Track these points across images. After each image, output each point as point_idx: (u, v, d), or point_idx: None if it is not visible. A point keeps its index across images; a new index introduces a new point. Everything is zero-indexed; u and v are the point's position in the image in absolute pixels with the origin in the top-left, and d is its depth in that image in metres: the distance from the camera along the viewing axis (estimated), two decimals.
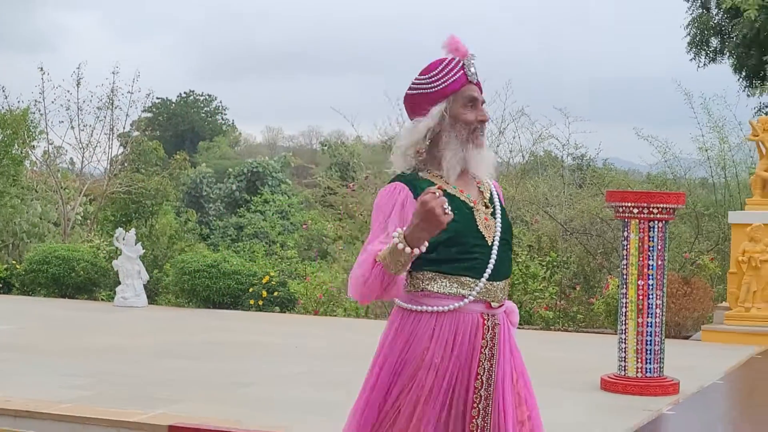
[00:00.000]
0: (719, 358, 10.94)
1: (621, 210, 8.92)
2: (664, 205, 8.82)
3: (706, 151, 18.60)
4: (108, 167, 19.32)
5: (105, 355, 9.99)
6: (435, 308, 2.97)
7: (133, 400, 7.31)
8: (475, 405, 2.94)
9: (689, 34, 20.36)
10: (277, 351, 10.95)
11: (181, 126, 36.77)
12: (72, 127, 19.14)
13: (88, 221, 17.89)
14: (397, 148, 3.12)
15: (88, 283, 15.84)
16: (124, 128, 19.99)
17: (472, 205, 3.06)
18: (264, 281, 15.15)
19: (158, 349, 10.51)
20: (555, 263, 15.39)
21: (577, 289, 15.64)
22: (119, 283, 14.44)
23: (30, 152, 18.42)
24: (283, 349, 11.21)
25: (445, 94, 2.98)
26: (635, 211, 8.75)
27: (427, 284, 2.96)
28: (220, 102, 42.20)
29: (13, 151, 17.65)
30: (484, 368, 2.94)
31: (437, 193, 2.47)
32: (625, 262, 8.77)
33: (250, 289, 15.03)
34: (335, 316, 15.06)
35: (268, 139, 38.71)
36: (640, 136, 19.44)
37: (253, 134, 41.85)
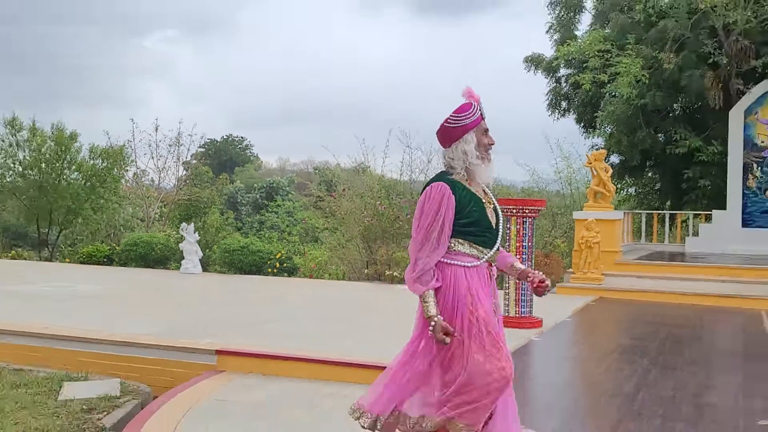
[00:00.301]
0: (568, 304, 11.48)
1: (506, 211, 9.38)
2: (532, 208, 9.77)
3: (559, 173, 20.02)
4: (176, 183, 20.74)
5: (173, 304, 10.78)
6: (464, 264, 3.67)
7: (192, 334, 7.78)
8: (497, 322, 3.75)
9: (548, 99, 20.53)
10: (286, 300, 11.86)
11: (223, 157, 38.74)
12: (152, 158, 20.65)
13: (163, 218, 19.30)
14: (452, 160, 3.74)
15: (162, 258, 16.94)
16: (186, 158, 21.56)
17: (484, 201, 3.76)
18: (277, 257, 16.18)
19: (209, 301, 11.40)
20: None
21: None
22: (183, 258, 15.60)
23: (124, 174, 19.76)
24: (290, 299, 12.12)
25: (474, 126, 3.67)
26: (515, 211, 9.55)
27: (458, 246, 3.67)
28: (249, 141, 44.63)
29: (114, 173, 18.95)
30: (495, 302, 3.76)
31: (447, 341, 3.49)
32: (508, 244, 9.46)
33: (268, 262, 16.09)
34: (323, 279, 15.92)
35: (280, 165, 40.91)
36: (517, 163, 21.15)
37: (270, 162, 43.85)
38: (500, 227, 3.80)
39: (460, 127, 3.68)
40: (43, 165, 18.71)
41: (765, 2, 15.51)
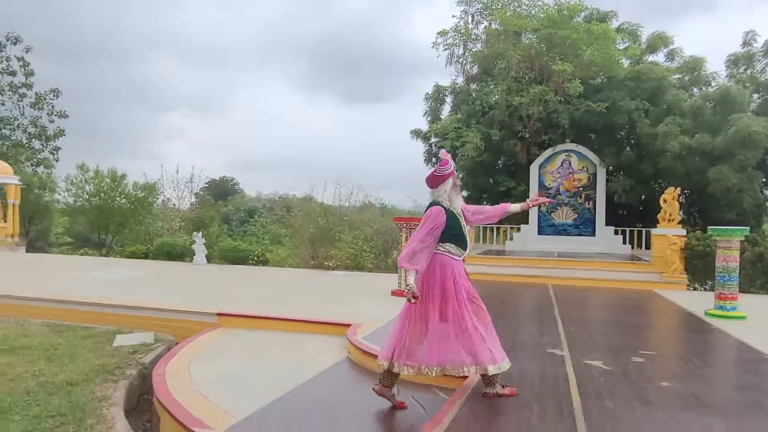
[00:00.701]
0: None
1: (398, 225, 9.58)
2: (415, 223, 8.67)
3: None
4: (189, 206, 20.67)
5: (187, 283, 10.64)
6: (451, 256, 3.79)
7: (201, 302, 7.82)
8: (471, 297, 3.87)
9: (425, 156, 19.47)
10: (262, 281, 11.63)
11: (220, 189, 36.70)
12: (174, 189, 20.47)
13: (181, 229, 18.88)
14: (439, 196, 3.82)
15: (181, 254, 16.37)
16: (196, 190, 21.43)
17: (460, 219, 3.87)
18: (255, 253, 15.87)
19: (212, 280, 11.28)
20: (377, 245, 16.17)
21: (387, 255, 15.92)
22: (194, 254, 14.97)
23: (155, 200, 19.47)
24: (265, 279, 11.88)
25: (450, 175, 3.85)
26: (405, 225, 9.38)
27: (447, 247, 3.79)
28: (237, 179, 43.07)
29: (149, 200, 18.86)
30: (469, 285, 3.89)
31: (413, 301, 3.64)
32: (400, 245, 9.87)
33: (250, 256, 15.73)
34: (285, 267, 15.63)
35: (257, 195, 40.18)
36: (406, 195, 21.75)
37: (251, 193, 43.23)
38: (467, 234, 3.94)
39: (444, 176, 3.85)
40: (102, 194, 18.44)
41: (549, 104, 16.33)
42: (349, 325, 6.26)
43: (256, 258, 15.99)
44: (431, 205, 3.90)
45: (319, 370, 4.98)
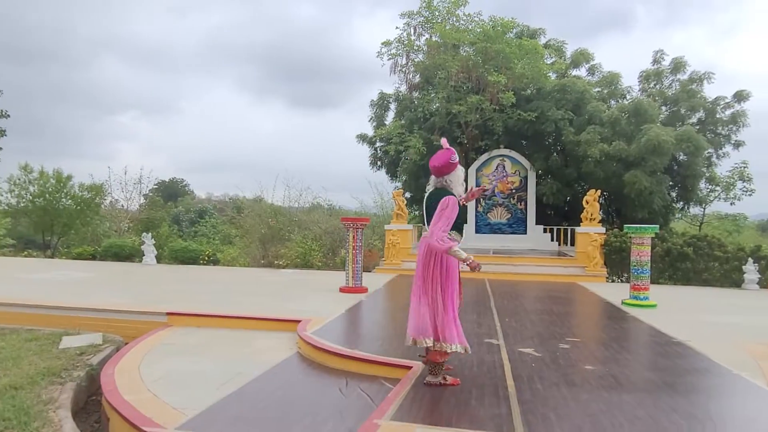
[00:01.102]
0: (382, 279, 11.36)
1: (345, 225, 9.46)
2: (362, 223, 9.51)
3: (376, 202, 20.28)
4: (138, 207, 19.57)
5: (136, 284, 10.18)
6: (457, 242, 3.86)
7: (150, 302, 7.49)
8: (419, 269, 3.95)
9: (370, 160, 19.49)
10: (213, 280, 11.19)
11: (170, 191, 35.30)
12: (123, 190, 19.34)
13: (129, 230, 18.06)
14: (452, 182, 3.93)
15: (130, 255, 15.57)
16: (145, 192, 20.29)
17: (424, 203, 4.09)
18: (206, 253, 15.48)
19: (162, 282, 10.73)
20: (325, 244, 15.78)
21: (335, 253, 15.46)
22: (144, 254, 14.52)
23: (103, 201, 18.40)
24: (215, 279, 11.47)
25: (458, 163, 4.00)
26: (352, 225, 9.33)
27: (453, 235, 3.87)
28: (187, 181, 42.25)
29: (96, 201, 17.73)
30: (419, 257, 3.96)
31: (478, 269, 3.73)
32: (348, 244, 9.28)
33: (200, 256, 15.30)
34: (235, 266, 15.17)
35: (207, 197, 38.92)
36: (352, 197, 21.62)
37: (201, 194, 41.95)
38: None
39: (456, 162, 4.01)
40: (47, 195, 17.20)
41: (485, 112, 16.71)
42: (299, 321, 6.17)
43: (206, 258, 15.52)
44: (440, 192, 3.94)
45: (270, 365, 4.87)
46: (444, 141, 4.18)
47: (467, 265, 3.80)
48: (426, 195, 4.12)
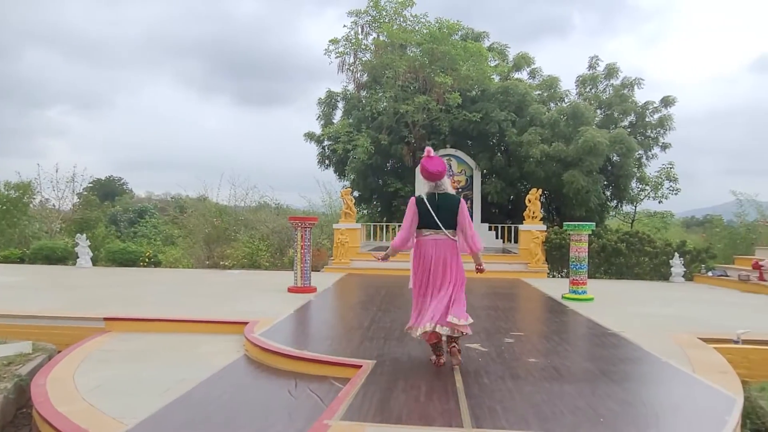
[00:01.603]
0: (331, 278, 11.32)
1: (294, 224, 9.37)
2: (310, 222, 9.48)
3: (324, 201, 20.41)
4: (71, 207, 18.57)
5: (70, 288, 9.61)
6: (426, 238, 4.38)
7: (86, 307, 7.09)
8: (438, 269, 4.36)
9: (318, 159, 19.26)
10: (154, 282, 10.92)
11: (107, 189, 33.90)
12: (54, 189, 18.24)
13: (62, 231, 17.05)
14: (447, 185, 4.37)
15: (63, 257, 14.69)
16: (79, 191, 19.20)
17: (429, 207, 4.33)
18: (146, 254, 14.85)
19: (98, 285, 10.16)
20: (273, 244, 15.47)
21: (283, 253, 15.30)
22: (77, 257, 13.88)
23: (32, 200, 17.25)
24: (157, 281, 11.21)
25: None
26: (300, 224, 9.25)
27: (421, 231, 4.40)
28: (125, 179, 39.88)
29: (24, 200, 16.68)
30: (437, 258, 4.34)
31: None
32: (296, 243, 9.22)
33: (140, 258, 14.63)
34: (178, 268, 14.82)
35: (147, 196, 37.43)
36: (300, 196, 22.31)
37: (140, 193, 40.28)
38: (440, 220, 4.45)
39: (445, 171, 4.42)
40: None
41: (432, 112, 16.93)
42: (246, 323, 6.05)
43: (147, 259, 14.90)
44: (448, 195, 4.43)
45: (216, 369, 4.73)
46: (429, 150, 4.48)
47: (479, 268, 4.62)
48: (426, 197, 4.43)
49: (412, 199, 4.45)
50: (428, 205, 4.33)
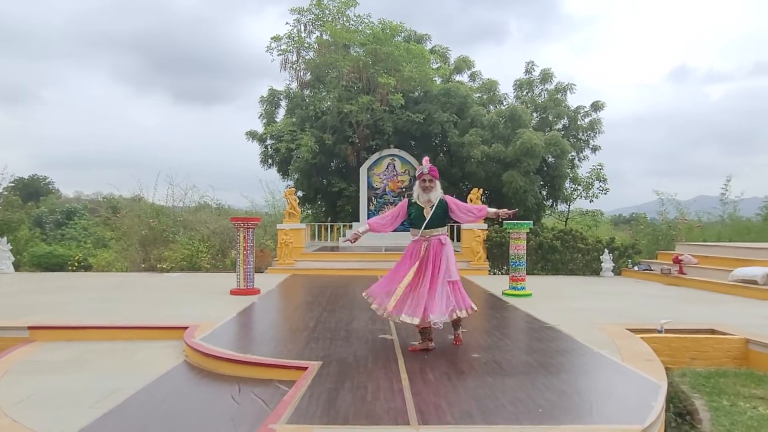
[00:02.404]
0: (275, 279, 11.16)
1: (235, 225, 9.18)
2: (253, 223, 9.28)
3: (267, 201, 20.12)
4: None
5: None
6: (414, 238, 4.93)
7: (4, 317, 6.51)
8: (427, 264, 4.78)
9: (261, 158, 18.86)
10: (84, 287, 10.33)
11: (30, 189, 31.75)
12: None
13: None
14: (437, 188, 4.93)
15: None
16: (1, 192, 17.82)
17: (422, 206, 4.90)
18: (76, 258, 14.20)
19: (21, 292, 9.60)
20: (214, 245, 15.13)
21: (225, 255, 14.92)
22: None
23: None
24: (87, 286, 10.62)
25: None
26: (242, 224, 9.06)
27: (411, 231, 4.94)
28: (51, 178, 37.40)
29: None
30: (427, 255, 4.79)
31: (350, 241, 5.00)
32: (238, 245, 9.02)
33: (69, 262, 14.01)
34: (112, 271, 14.06)
35: (76, 196, 35.28)
36: (242, 195, 21.55)
37: (68, 193, 37.97)
38: (430, 221, 4.97)
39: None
40: None
41: (376, 112, 17.01)
42: (185, 328, 5.85)
43: (76, 263, 14.19)
44: (440, 199, 5.00)
45: (154, 377, 4.54)
46: (426, 160, 5.07)
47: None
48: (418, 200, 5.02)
49: (405, 201, 5.09)
50: (437, 208, 4.91)
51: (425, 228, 4.84)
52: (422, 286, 4.68)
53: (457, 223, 17.63)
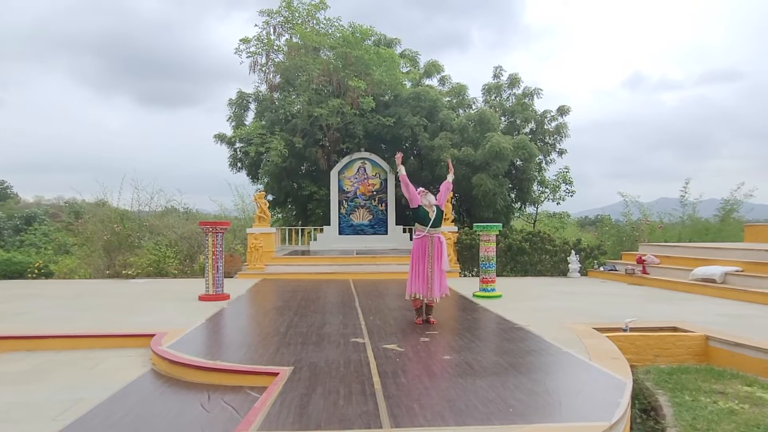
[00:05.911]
0: (245, 284, 11.14)
1: (204, 229, 9.11)
2: (222, 227, 9.15)
3: (237, 205, 19.64)
4: None
5: None
6: (419, 235, 6.43)
7: None
8: (434, 257, 6.37)
9: (229, 161, 18.61)
10: (45, 295, 10.08)
11: None
12: None
13: None
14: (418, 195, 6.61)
15: None
16: None
17: (428, 210, 6.49)
18: (36, 265, 13.61)
19: None
20: (181, 250, 14.66)
21: (193, 260, 14.56)
22: None
23: None
24: (48, 294, 10.36)
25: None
26: (211, 228, 8.99)
27: (416, 227, 6.47)
28: (9, 183, 36.20)
29: None
30: (432, 251, 6.35)
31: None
32: (207, 249, 8.97)
33: (28, 269, 13.47)
34: (74, 279, 13.56)
35: (36, 201, 34.10)
36: (211, 200, 21.09)
37: (28, 198, 36.65)
38: (434, 220, 6.60)
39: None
40: None
41: (346, 116, 17.01)
42: (152, 335, 5.74)
43: (37, 270, 13.66)
44: (438, 206, 6.73)
45: (120, 386, 4.42)
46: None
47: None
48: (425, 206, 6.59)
49: (422, 189, 6.63)
50: (427, 211, 6.47)
51: (431, 227, 6.35)
52: (434, 274, 6.33)
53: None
